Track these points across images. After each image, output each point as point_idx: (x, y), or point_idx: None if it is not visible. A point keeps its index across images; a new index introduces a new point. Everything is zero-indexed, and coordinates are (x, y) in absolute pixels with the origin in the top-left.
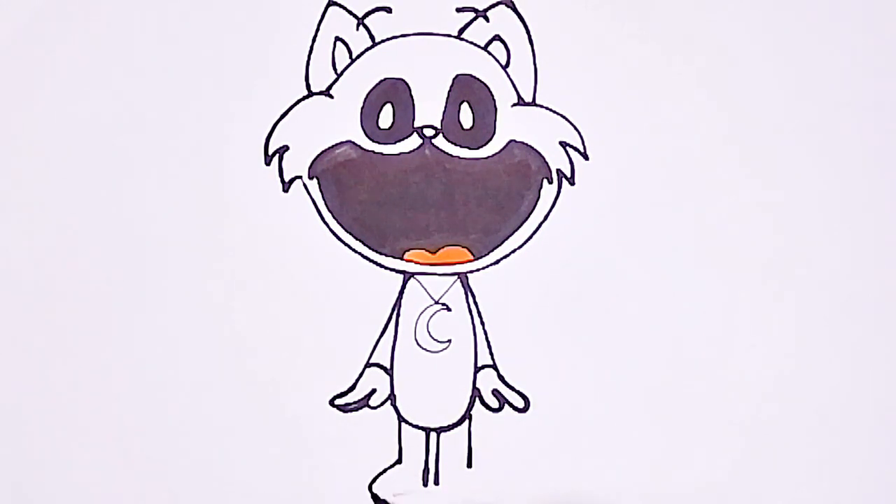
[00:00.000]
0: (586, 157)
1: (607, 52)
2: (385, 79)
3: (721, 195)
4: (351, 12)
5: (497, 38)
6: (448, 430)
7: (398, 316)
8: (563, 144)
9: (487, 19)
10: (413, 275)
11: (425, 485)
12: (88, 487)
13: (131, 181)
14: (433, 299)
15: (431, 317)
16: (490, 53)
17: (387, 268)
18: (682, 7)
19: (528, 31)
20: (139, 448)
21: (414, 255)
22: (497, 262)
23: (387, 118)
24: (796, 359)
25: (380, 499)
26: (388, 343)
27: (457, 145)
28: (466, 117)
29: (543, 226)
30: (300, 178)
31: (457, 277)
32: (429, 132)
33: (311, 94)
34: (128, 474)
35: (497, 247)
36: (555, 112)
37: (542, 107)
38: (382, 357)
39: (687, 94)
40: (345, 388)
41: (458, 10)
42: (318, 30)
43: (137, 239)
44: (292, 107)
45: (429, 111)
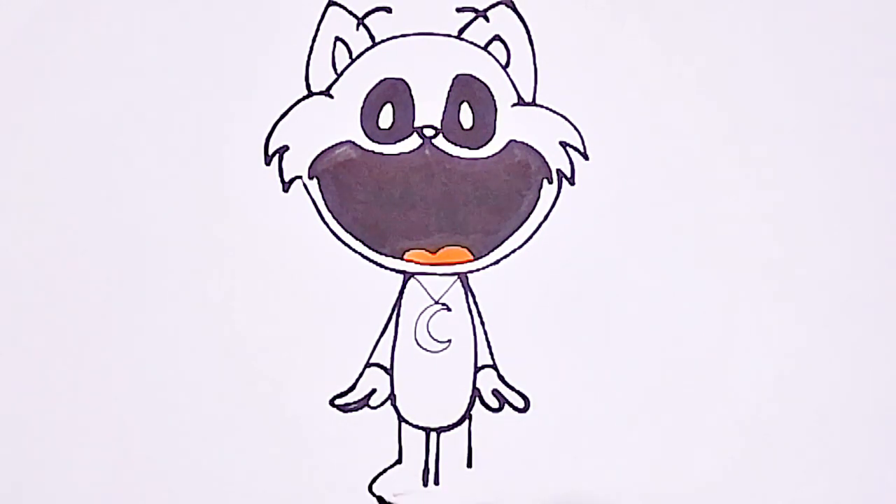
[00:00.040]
0: (586, 157)
1: (607, 52)
2: (385, 79)
3: (721, 195)
4: (351, 12)
5: (497, 38)
6: (448, 430)
7: (398, 316)
8: (563, 144)
9: (487, 19)
10: (413, 275)
11: (425, 485)
12: (88, 487)
13: (131, 181)
14: (433, 299)
15: (431, 317)
16: (490, 53)
17: (387, 268)
18: (682, 7)
19: (528, 31)
20: (139, 448)
21: (414, 255)
22: (497, 262)
23: (387, 118)
24: (796, 359)
25: (385, 501)
26: (388, 343)
27: (457, 145)
28: (466, 117)
29: (543, 226)
30: (300, 178)
31: (457, 277)
32: (429, 132)
33: (311, 94)
34: (128, 474)
35: (497, 247)
36: (555, 112)
37: (542, 107)
38: (382, 357)
39: (687, 94)
40: (345, 388)
41: (458, 10)
42: (318, 30)
43: (137, 239)
44: (292, 107)
45: (429, 111)
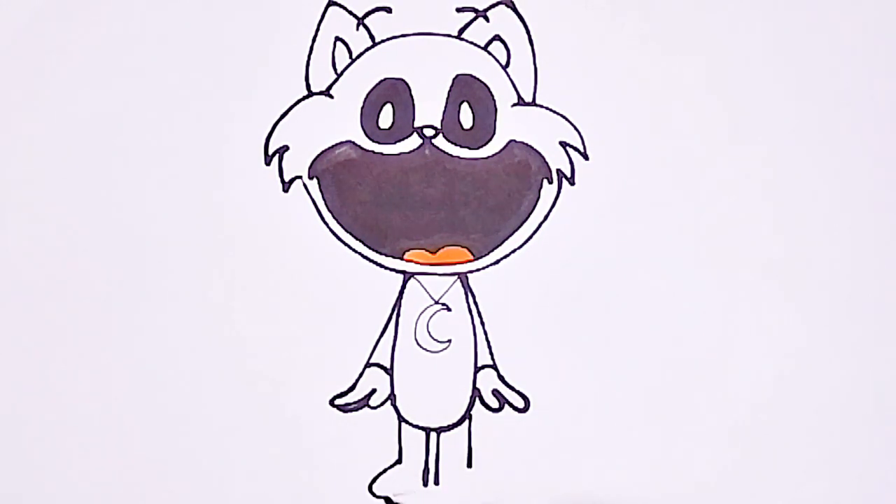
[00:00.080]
0: (586, 157)
1: (607, 52)
2: (385, 79)
3: (721, 195)
4: (351, 12)
5: (497, 38)
6: (448, 430)
7: (398, 316)
8: (563, 144)
9: (487, 19)
10: (413, 275)
11: (425, 485)
12: (88, 487)
13: (131, 181)
14: (433, 299)
15: (431, 317)
16: (490, 53)
17: (387, 268)
18: (683, 7)
19: (528, 31)
20: (139, 448)
21: (414, 255)
22: (497, 262)
23: (387, 118)
24: (796, 359)
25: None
26: (388, 343)
27: (457, 145)
28: (466, 117)
29: (543, 226)
30: (300, 178)
31: (457, 277)
32: (429, 132)
33: (311, 94)
34: (128, 474)
35: (497, 247)
36: (555, 112)
37: (542, 107)
38: (382, 357)
39: (687, 94)
40: (345, 388)
41: (458, 10)
42: (318, 30)
43: (137, 239)
44: (292, 107)
45: (429, 111)
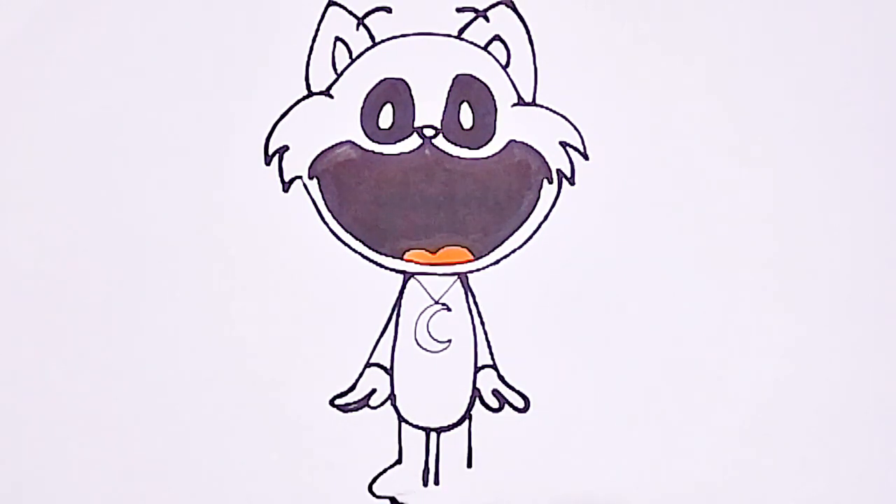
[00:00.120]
0: (586, 157)
1: (607, 52)
2: (385, 79)
3: (721, 195)
4: (351, 12)
5: (497, 38)
6: (448, 430)
7: (398, 316)
8: (563, 144)
9: (487, 19)
10: (413, 275)
11: (425, 485)
12: (88, 487)
13: (131, 181)
14: (433, 299)
15: (431, 317)
16: (490, 53)
17: (387, 268)
18: (682, 7)
19: (528, 31)
20: (139, 448)
21: (414, 255)
22: (497, 262)
23: (387, 118)
24: (796, 359)
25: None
26: (388, 343)
27: (457, 145)
28: (466, 117)
29: (543, 226)
30: (300, 178)
31: (457, 277)
32: (429, 132)
33: (311, 94)
34: (128, 474)
35: (497, 247)
36: (555, 112)
37: (542, 107)
38: (382, 357)
39: (687, 94)
40: (345, 388)
41: (458, 10)
42: (318, 30)
43: (137, 239)
44: (292, 107)
45: (429, 111)
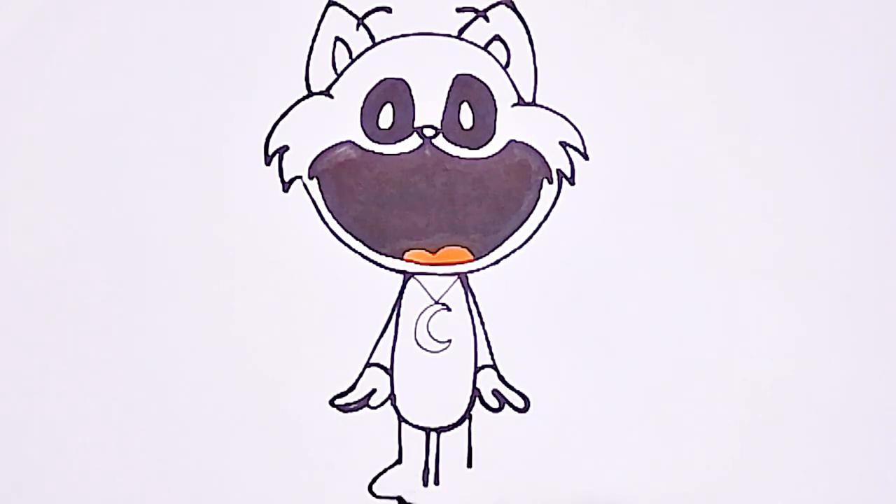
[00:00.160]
0: (586, 157)
1: (607, 53)
2: (385, 79)
3: (721, 195)
4: (351, 12)
5: (497, 38)
6: (448, 430)
7: (398, 316)
8: (563, 144)
9: (487, 19)
10: (413, 275)
11: (425, 485)
12: (88, 487)
13: (131, 181)
14: (433, 299)
15: (431, 317)
16: (490, 53)
17: (387, 268)
18: (682, 7)
19: (528, 31)
20: (139, 448)
21: (414, 255)
22: (497, 262)
23: (387, 118)
24: (796, 359)
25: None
26: (388, 343)
27: (457, 145)
28: (466, 117)
29: (543, 226)
30: (300, 178)
31: (457, 277)
32: (429, 132)
33: (311, 94)
34: (128, 474)
35: (497, 247)
36: (555, 112)
37: (542, 107)
38: (382, 357)
39: (687, 94)
40: (345, 388)
41: (458, 10)
42: (318, 30)
43: (137, 239)
44: (292, 107)
45: (429, 111)
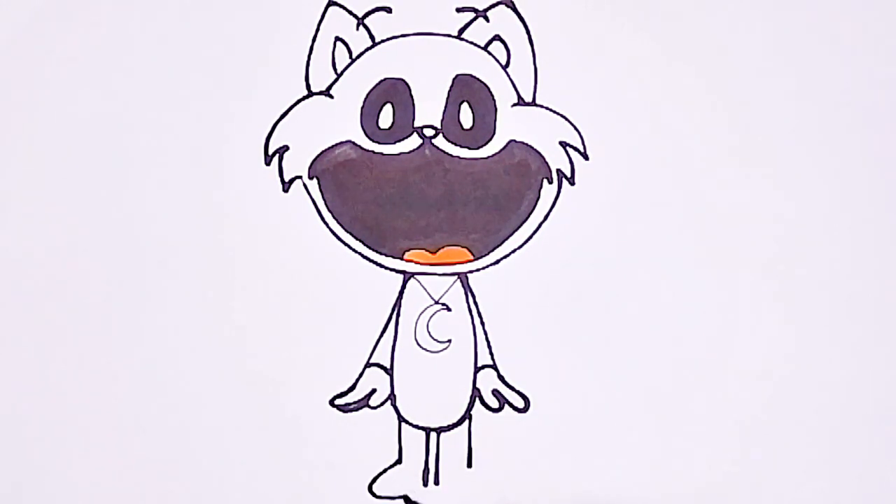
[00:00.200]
0: (586, 157)
1: (607, 52)
2: (385, 79)
3: (721, 195)
4: (351, 12)
5: (497, 38)
6: (448, 430)
7: (398, 316)
8: (563, 144)
9: (487, 19)
10: (413, 275)
11: (425, 485)
12: (88, 487)
13: (131, 181)
14: (433, 299)
15: (431, 317)
16: (490, 53)
17: (387, 268)
18: (682, 7)
19: (528, 31)
20: (139, 447)
21: (414, 255)
22: (497, 262)
23: (387, 118)
24: (796, 359)
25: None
26: (388, 343)
27: (457, 145)
28: (466, 117)
29: (543, 226)
30: (300, 178)
31: (457, 277)
32: (429, 132)
33: (311, 94)
34: (128, 474)
35: (497, 247)
36: (555, 112)
37: (542, 107)
38: (382, 357)
39: (687, 94)
40: (345, 388)
41: (458, 10)
42: (318, 30)
43: (137, 239)
44: (292, 107)
45: (429, 111)
